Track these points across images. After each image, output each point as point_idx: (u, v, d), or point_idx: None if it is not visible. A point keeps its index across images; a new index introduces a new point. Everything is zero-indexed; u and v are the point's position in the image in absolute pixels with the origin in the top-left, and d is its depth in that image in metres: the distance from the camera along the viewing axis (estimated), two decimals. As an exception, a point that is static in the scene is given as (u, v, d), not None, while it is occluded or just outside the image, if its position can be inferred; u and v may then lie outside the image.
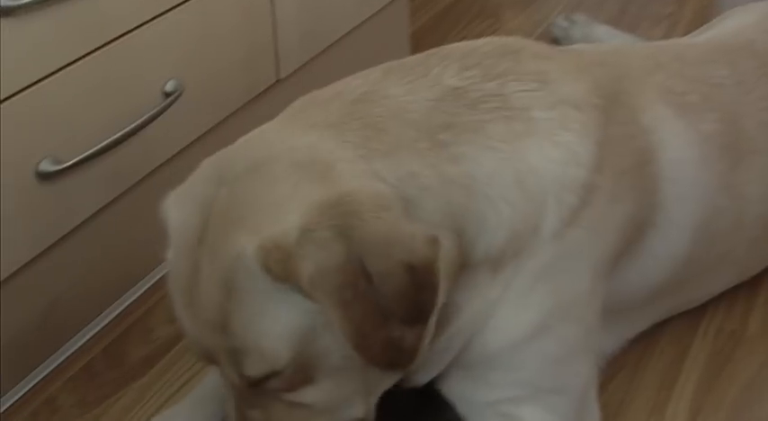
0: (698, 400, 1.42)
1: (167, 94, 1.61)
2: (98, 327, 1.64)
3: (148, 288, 1.72)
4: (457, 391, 1.26)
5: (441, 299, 1.07)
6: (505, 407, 1.23)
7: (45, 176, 1.42)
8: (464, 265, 1.13)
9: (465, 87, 1.17)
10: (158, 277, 1.74)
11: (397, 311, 1.02)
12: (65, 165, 1.44)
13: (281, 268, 1.00)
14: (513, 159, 1.15)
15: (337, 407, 1.15)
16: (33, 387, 1.53)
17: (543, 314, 1.19)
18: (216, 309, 1.06)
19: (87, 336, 1.62)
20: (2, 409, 1.49)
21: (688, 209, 1.33)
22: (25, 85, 1.37)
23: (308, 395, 1.12)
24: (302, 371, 1.08)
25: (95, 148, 1.48)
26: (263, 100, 1.88)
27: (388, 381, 1.18)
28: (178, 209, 1.13)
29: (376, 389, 1.17)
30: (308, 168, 1.05)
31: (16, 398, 1.51)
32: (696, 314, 1.57)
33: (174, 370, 1.54)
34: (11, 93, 1.35)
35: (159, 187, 1.66)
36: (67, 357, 1.58)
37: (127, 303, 1.69)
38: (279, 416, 1.14)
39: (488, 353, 1.20)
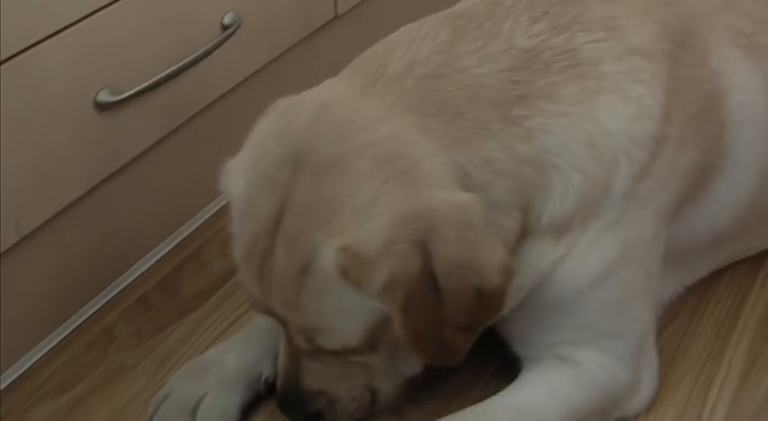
0: (755, 349, 1.40)
1: (225, 27, 1.59)
2: (153, 260, 1.65)
3: (203, 222, 1.73)
4: (515, 332, 1.26)
5: None
6: (564, 349, 1.23)
7: (103, 107, 1.42)
8: (526, 235, 1.14)
9: (536, 47, 1.16)
10: (213, 212, 1.74)
11: (456, 321, 1.07)
12: (122, 96, 1.43)
13: (356, 274, 1.03)
14: (585, 122, 1.15)
15: (393, 369, 1.21)
16: (89, 318, 1.55)
17: (606, 263, 1.19)
18: (289, 292, 1.08)
19: (142, 269, 1.63)
20: (59, 339, 1.51)
21: (755, 153, 1.30)
22: (84, 14, 1.36)
23: (371, 358, 1.18)
24: (370, 345, 1.13)
25: (153, 80, 1.48)
26: (320, 36, 1.86)
27: None
28: (246, 181, 1.12)
29: None
30: (392, 165, 1.04)
31: (72, 328, 1.53)
32: (755, 262, 1.54)
33: (228, 303, 1.55)
34: (70, 22, 1.34)
35: (215, 122, 1.67)
36: (123, 289, 1.60)
37: (181, 237, 1.70)
38: (338, 372, 1.21)
39: (551, 302, 1.20)
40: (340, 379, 1.22)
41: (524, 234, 1.14)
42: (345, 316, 1.09)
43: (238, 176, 1.13)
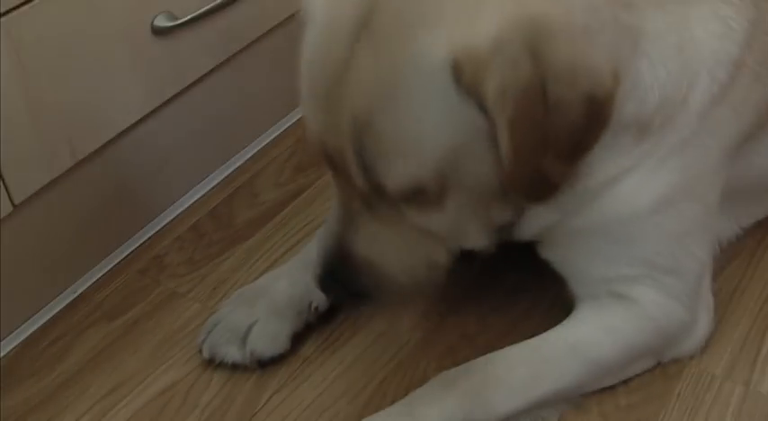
0: (814, 293, 1.38)
1: (283, -46, 1.58)
2: (205, 189, 1.65)
3: (256, 152, 1.72)
4: (570, 263, 1.24)
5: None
6: (619, 286, 1.21)
7: (160, 32, 1.41)
8: (611, 123, 1.08)
9: None
10: (266, 142, 1.74)
11: (560, 144, 1.01)
12: (179, 22, 1.43)
13: (471, 76, 0.97)
14: (679, 25, 1.12)
15: (454, 237, 1.14)
16: (141, 245, 1.56)
17: (669, 187, 1.16)
18: (367, 107, 1.01)
19: (195, 198, 1.64)
20: (112, 265, 1.52)
21: None
22: (142, -62, 1.36)
23: (432, 220, 1.10)
24: (437, 194, 1.06)
25: (209, 6, 1.47)
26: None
27: (507, 218, 1.16)
28: None
29: (494, 225, 1.16)
30: None
31: (125, 254, 1.54)
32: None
33: (280, 233, 1.55)
34: (128, -55, 1.34)
35: (271, 51, 1.66)
36: (175, 217, 1.60)
37: (235, 166, 1.70)
38: (395, 239, 1.12)
39: (606, 222, 1.17)
40: (396, 246, 1.13)
41: (611, 121, 1.07)
42: (431, 130, 1.01)
43: None
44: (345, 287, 1.15)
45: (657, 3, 1.11)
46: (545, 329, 1.24)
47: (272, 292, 1.34)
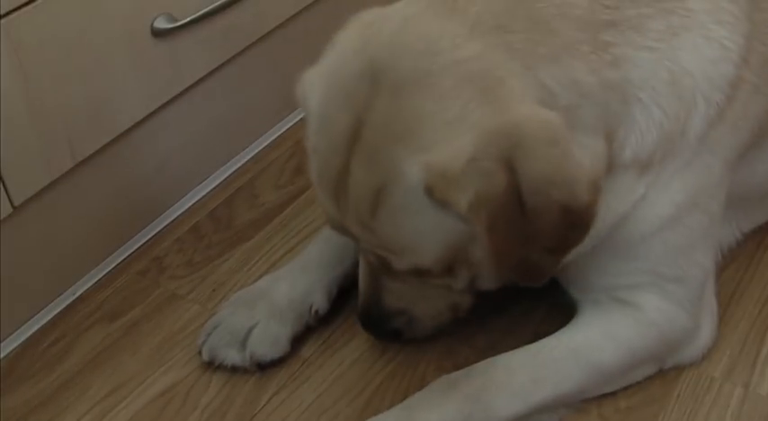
0: (812, 297, 1.39)
1: (283, -44, 1.58)
2: (205, 191, 1.65)
3: (256, 153, 1.73)
4: (572, 275, 1.24)
5: None
6: (623, 292, 1.21)
7: (160, 34, 1.42)
8: (611, 168, 1.11)
9: None
10: (266, 143, 1.74)
11: (545, 241, 1.05)
12: (179, 23, 1.43)
13: (442, 193, 1.01)
14: (669, 59, 1.13)
15: (475, 288, 1.22)
16: (142, 246, 1.56)
17: (674, 207, 1.18)
18: (365, 211, 1.07)
19: (194, 199, 1.64)
20: (112, 266, 1.52)
21: None
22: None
23: (446, 282, 1.19)
24: (441, 271, 1.14)
25: (209, 8, 1.47)
26: (378, -32, 1.83)
27: None
28: (322, 94, 1.10)
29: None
30: (478, 84, 1.02)
31: (125, 256, 1.54)
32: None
33: (280, 235, 1.55)
34: (129, -54, 1.34)
35: (271, 52, 1.66)
36: (175, 218, 1.61)
37: (234, 168, 1.70)
38: (418, 293, 1.22)
39: (615, 243, 1.18)
40: (420, 298, 1.23)
41: (610, 167, 1.11)
42: (421, 236, 1.07)
43: (315, 89, 1.11)
44: (381, 330, 1.28)
45: (642, 45, 1.11)
46: (546, 331, 1.25)
47: (271, 295, 1.34)
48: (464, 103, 1.01)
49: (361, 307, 1.26)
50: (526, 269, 1.09)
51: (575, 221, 1.03)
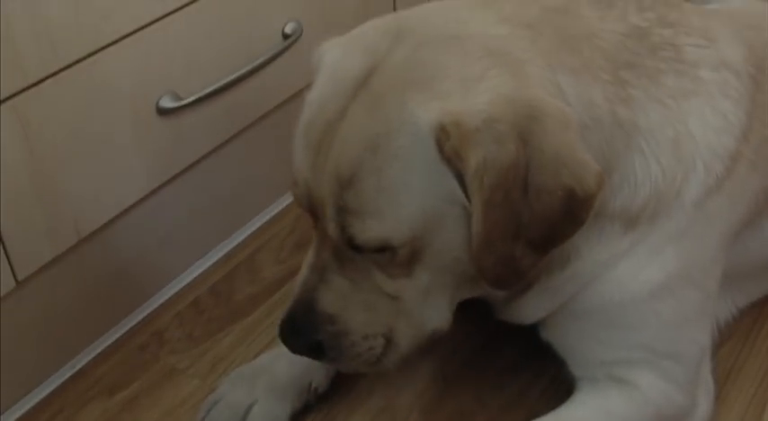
0: (810, 374, 1.39)
1: (286, 36, 1.60)
2: (206, 266, 1.66)
3: (256, 229, 1.74)
4: (568, 345, 1.25)
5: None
6: (618, 369, 1.21)
7: (164, 112, 1.44)
8: (598, 213, 1.10)
9: (647, 29, 1.16)
10: (267, 218, 1.75)
11: (532, 232, 1.02)
12: (183, 102, 1.45)
13: (453, 147, 0.98)
14: (677, 118, 1.15)
15: (421, 313, 1.13)
16: (142, 320, 1.56)
17: (667, 275, 1.18)
18: (351, 161, 1.02)
19: (195, 274, 1.65)
20: (112, 340, 1.52)
21: None
22: (148, 21, 1.38)
23: (398, 285, 1.10)
24: (407, 258, 1.07)
25: (214, 87, 1.49)
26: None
27: (473, 293, 1.18)
28: (339, 51, 1.09)
29: (459, 299, 1.16)
30: (501, 58, 1.02)
31: (125, 330, 1.55)
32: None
33: (280, 310, 1.51)
34: (135, 28, 1.36)
35: (273, 129, 1.69)
36: (175, 293, 1.61)
37: (235, 243, 1.71)
38: (361, 298, 1.12)
39: (605, 307, 1.18)
40: (360, 307, 1.12)
41: (598, 212, 1.09)
42: (407, 194, 1.02)
43: (333, 49, 1.10)
44: (303, 337, 1.14)
45: (655, 96, 1.14)
46: (543, 408, 1.24)
47: (271, 372, 1.34)
48: (486, 67, 1.01)
49: (288, 309, 1.15)
50: (504, 266, 1.03)
51: (573, 210, 1.02)
